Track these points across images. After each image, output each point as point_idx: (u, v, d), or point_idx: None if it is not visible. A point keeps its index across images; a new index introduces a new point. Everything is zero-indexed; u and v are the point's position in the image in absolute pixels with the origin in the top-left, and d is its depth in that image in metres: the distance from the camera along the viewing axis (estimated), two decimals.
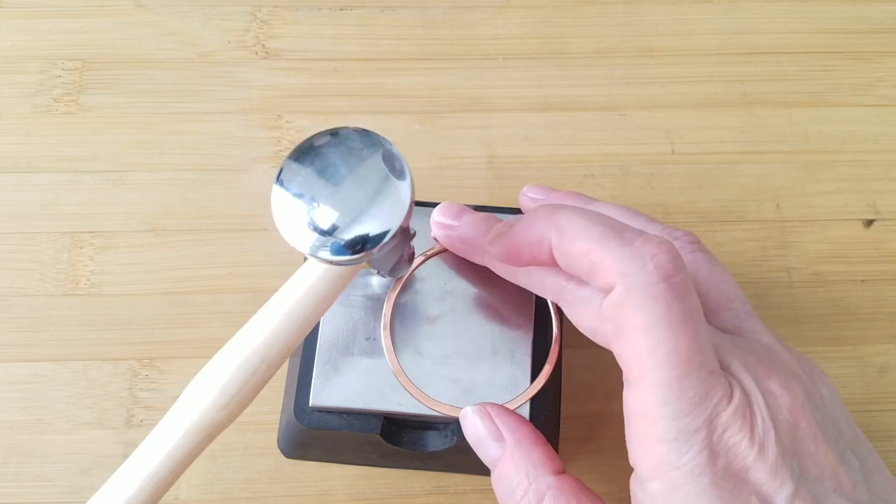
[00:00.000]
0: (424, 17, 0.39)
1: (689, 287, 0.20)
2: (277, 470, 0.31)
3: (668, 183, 0.36)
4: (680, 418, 0.19)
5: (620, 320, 0.20)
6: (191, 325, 0.33)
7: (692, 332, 0.20)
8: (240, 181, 0.36)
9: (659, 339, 0.20)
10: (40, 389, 0.32)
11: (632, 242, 0.21)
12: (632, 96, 0.38)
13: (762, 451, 0.19)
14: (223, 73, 0.38)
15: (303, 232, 0.22)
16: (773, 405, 0.20)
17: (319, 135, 0.23)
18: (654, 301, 0.20)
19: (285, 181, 0.22)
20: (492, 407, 0.25)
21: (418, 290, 0.28)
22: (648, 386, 0.20)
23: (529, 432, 0.24)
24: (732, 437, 0.19)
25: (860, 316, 0.34)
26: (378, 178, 0.22)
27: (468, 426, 0.25)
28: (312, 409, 0.27)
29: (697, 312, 0.20)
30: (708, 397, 0.19)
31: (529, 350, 0.27)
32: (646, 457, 0.20)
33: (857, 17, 0.40)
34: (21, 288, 0.34)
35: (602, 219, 0.22)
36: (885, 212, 0.36)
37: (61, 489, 0.31)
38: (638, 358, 0.20)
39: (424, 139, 0.37)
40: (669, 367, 0.19)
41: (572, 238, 0.22)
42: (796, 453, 0.20)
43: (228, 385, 0.23)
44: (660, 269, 0.20)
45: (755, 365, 0.21)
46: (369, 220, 0.22)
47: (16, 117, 0.37)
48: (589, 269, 0.21)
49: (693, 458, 0.19)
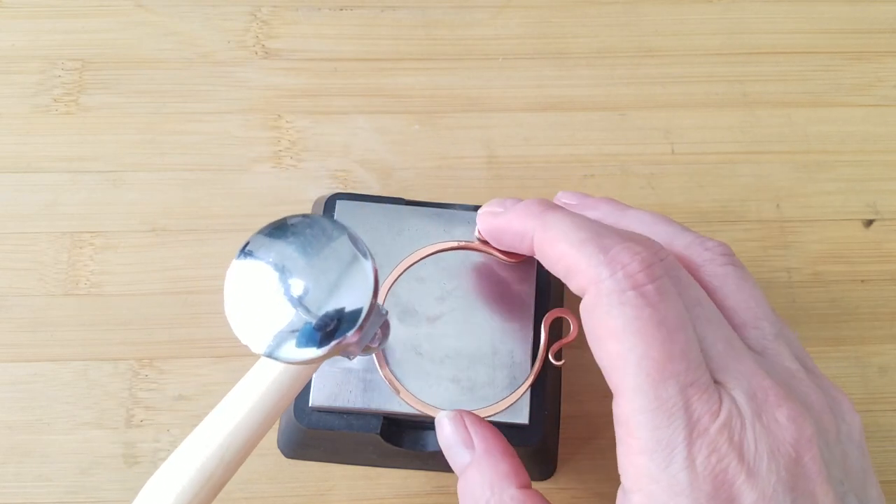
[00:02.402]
0: (424, 17, 0.39)
1: (665, 296, 0.20)
2: (277, 470, 0.31)
3: (668, 183, 0.36)
4: (659, 429, 0.19)
5: (593, 326, 0.20)
6: (191, 325, 0.33)
7: (665, 338, 0.19)
8: (240, 181, 0.36)
9: (630, 344, 0.19)
10: (40, 389, 0.32)
11: (608, 250, 0.21)
12: (632, 96, 0.38)
13: (753, 477, 0.19)
14: (223, 73, 0.38)
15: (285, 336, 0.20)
16: (776, 435, 0.19)
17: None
18: (623, 307, 0.20)
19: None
20: (467, 415, 0.25)
21: (418, 290, 0.28)
22: (626, 392, 0.20)
23: (500, 443, 0.24)
24: (719, 458, 0.19)
25: (860, 316, 0.34)
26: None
27: (442, 431, 0.25)
28: (312, 409, 0.27)
29: (677, 321, 0.20)
30: (689, 410, 0.19)
31: (529, 350, 0.27)
32: (629, 467, 0.20)
33: (857, 17, 0.40)
34: (21, 288, 0.34)
35: (588, 224, 0.22)
36: (885, 212, 0.36)
37: (61, 489, 0.31)
38: (612, 363, 0.20)
39: (424, 139, 0.37)
40: (643, 371, 0.19)
41: (553, 240, 0.22)
42: (794, 489, 0.19)
43: (185, 492, 0.22)
44: (630, 277, 0.20)
45: (766, 389, 0.20)
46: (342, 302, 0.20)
47: (16, 117, 0.37)
48: (565, 272, 0.22)
49: (673, 475, 0.19)
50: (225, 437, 0.22)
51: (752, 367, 0.21)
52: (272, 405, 0.22)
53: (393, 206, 0.30)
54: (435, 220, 0.29)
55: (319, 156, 0.36)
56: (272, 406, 0.22)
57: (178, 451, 0.22)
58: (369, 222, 0.29)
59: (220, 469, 0.22)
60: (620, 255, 0.20)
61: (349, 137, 0.37)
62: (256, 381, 0.23)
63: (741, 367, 0.20)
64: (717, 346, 0.21)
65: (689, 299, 0.21)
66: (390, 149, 0.37)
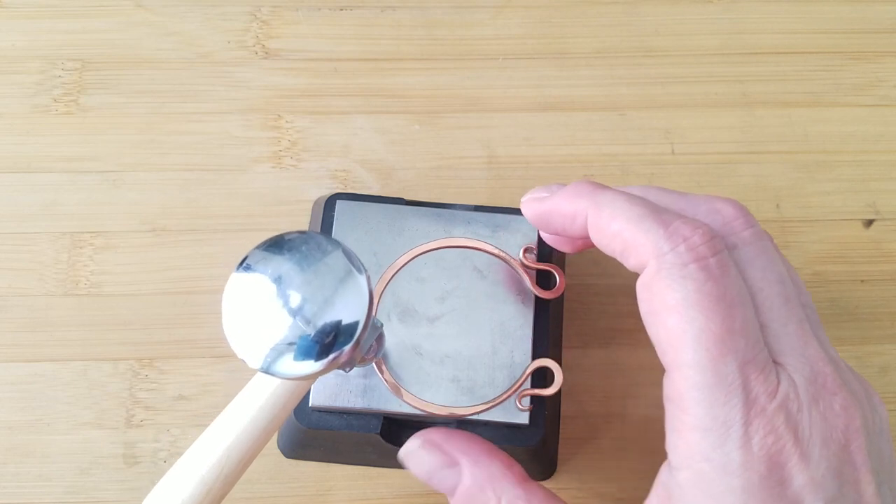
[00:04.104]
0: (424, 17, 0.39)
1: (727, 270, 0.20)
2: (277, 470, 0.31)
3: (668, 183, 0.36)
4: (715, 406, 0.19)
5: (652, 301, 0.20)
6: (191, 325, 0.33)
7: (726, 313, 0.19)
8: (240, 181, 0.36)
9: (690, 318, 0.19)
10: (40, 389, 0.32)
11: (668, 224, 0.20)
12: (632, 96, 0.38)
13: (805, 461, 0.18)
14: (223, 73, 0.38)
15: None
16: (829, 422, 0.19)
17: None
18: (684, 280, 0.19)
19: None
20: (435, 433, 0.24)
21: (418, 290, 0.28)
22: (683, 368, 0.19)
23: (482, 447, 0.23)
24: (776, 439, 0.18)
25: (860, 316, 0.34)
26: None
27: (416, 463, 0.23)
28: (312, 409, 0.27)
29: (738, 297, 0.20)
30: (748, 388, 0.19)
31: (529, 350, 0.27)
32: (679, 443, 0.19)
33: (857, 17, 0.40)
34: (21, 288, 0.34)
35: (643, 201, 0.22)
36: (885, 212, 0.36)
37: (61, 489, 0.31)
38: (670, 338, 0.20)
39: (424, 139, 0.37)
40: (702, 346, 0.19)
41: (610, 217, 0.22)
42: (840, 475, 0.19)
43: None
44: (693, 249, 0.20)
45: (826, 375, 0.20)
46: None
47: (16, 117, 0.37)
48: (622, 249, 0.21)
49: (727, 454, 0.18)
50: (223, 451, 0.22)
51: (816, 351, 0.20)
52: (269, 419, 0.23)
53: (393, 206, 0.29)
54: (435, 220, 0.29)
55: (319, 156, 0.36)
56: (269, 420, 0.23)
57: (177, 466, 0.22)
58: (369, 222, 0.29)
59: (219, 482, 0.22)
60: (682, 229, 0.20)
61: (349, 137, 0.37)
62: (254, 395, 0.23)
63: (808, 350, 0.20)
64: (789, 328, 0.20)
65: (772, 275, 0.21)
66: (390, 149, 0.37)
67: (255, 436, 0.22)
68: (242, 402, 0.23)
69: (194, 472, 0.22)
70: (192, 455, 0.22)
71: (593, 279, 0.34)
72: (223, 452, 0.22)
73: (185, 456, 0.22)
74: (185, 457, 0.22)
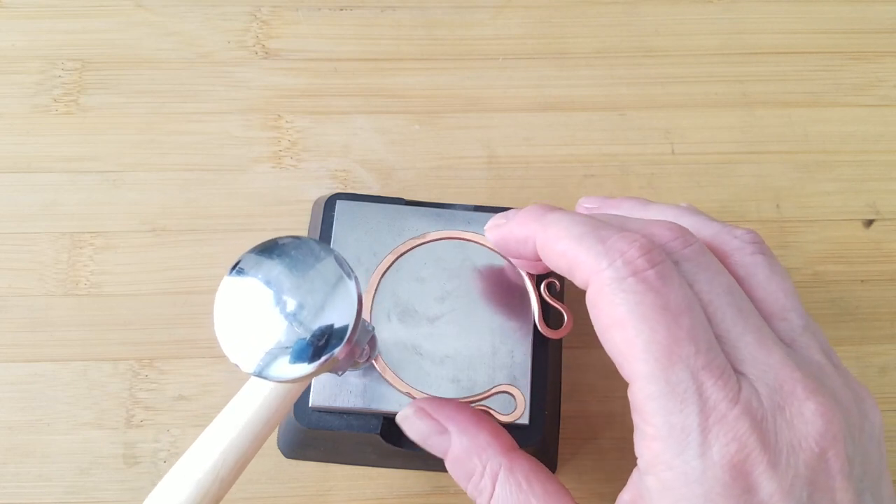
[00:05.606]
0: (424, 17, 0.39)
1: (668, 280, 0.20)
2: (277, 470, 0.31)
3: (668, 183, 0.36)
4: (671, 414, 0.19)
5: (599, 317, 0.20)
6: (191, 325, 0.33)
7: (671, 321, 0.19)
8: (240, 181, 0.36)
9: (636, 330, 0.19)
10: (40, 389, 0.32)
11: (605, 240, 0.21)
12: (632, 96, 0.38)
13: (773, 468, 0.18)
14: (223, 73, 0.38)
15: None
16: (798, 429, 0.19)
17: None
18: (625, 294, 0.20)
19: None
20: (427, 402, 0.25)
21: (418, 290, 0.28)
22: (637, 380, 0.19)
23: (470, 416, 0.24)
24: (740, 446, 0.18)
25: (860, 316, 0.34)
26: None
27: (409, 428, 0.25)
28: (312, 410, 0.27)
29: (683, 305, 0.20)
30: (703, 394, 0.19)
31: (529, 350, 0.27)
32: (644, 451, 0.20)
33: (857, 17, 0.40)
34: (21, 288, 0.34)
35: (586, 219, 0.22)
36: (885, 212, 0.36)
37: (61, 489, 0.31)
38: (621, 352, 0.20)
39: (424, 139, 0.37)
40: (651, 357, 0.19)
41: (555, 238, 0.22)
42: (813, 484, 0.18)
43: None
44: (629, 263, 0.20)
45: (795, 381, 0.19)
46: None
47: (16, 117, 0.37)
48: (568, 267, 0.22)
49: (686, 462, 0.18)
50: (219, 454, 0.22)
51: (781, 358, 0.20)
52: (264, 423, 0.23)
53: (393, 206, 0.29)
54: (435, 220, 0.29)
55: (319, 156, 0.36)
56: (264, 424, 0.23)
57: (174, 470, 0.23)
58: (369, 222, 0.29)
59: (216, 486, 0.22)
60: (618, 244, 0.20)
61: (349, 137, 0.37)
62: (248, 399, 0.23)
63: (770, 359, 0.20)
64: (746, 338, 0.20)
65: (718, 286, 0.21)
66: (390, 149, 0.37)
67: (251, 439, 0.23)
68: (237, 406, 0.23)
69: (190, 475, 0.22)
70: (188, 459, 0.23)
71: None
72: (219, 456, 0.22)
73: (182, 460, 0.23)
74: (182, 461, 0.23)
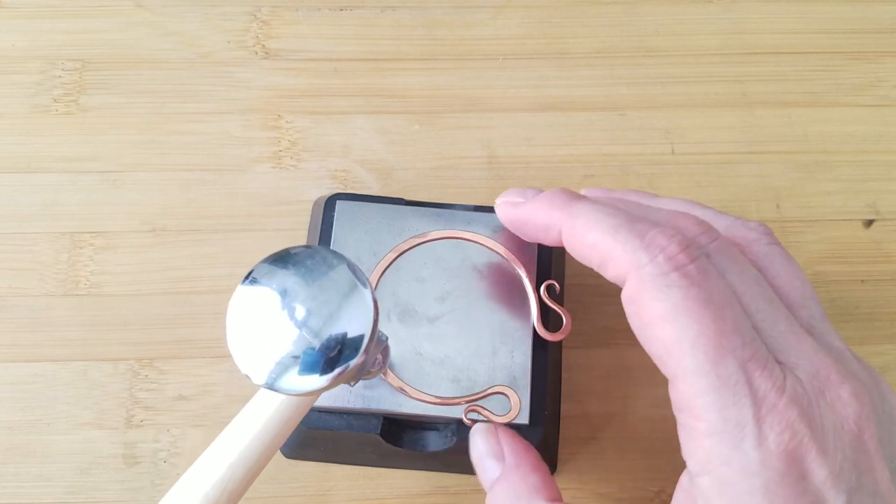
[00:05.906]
0: (424, 17, 0.39)
1: (708, 274, 0.20)
2: (277, 470, 0.31)
3: (668, 183, 0.36)
4: (725, 408, 0.19)
5: (641, 314, 0.20)
6: (191, 325, 0.33)
7: (716, 315, 0.19)
8: (240, 181, 0.36)
9: (682, 325, 0.19)
10: (40, 389, 0.32)
11: (643, 235, 0.20)
12: (632, 96, 0.38)
13: (823, 453, 0.18)
14: (223, 73, 0.38)
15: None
16: (839, 412, 0.19)
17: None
18: (668, 290, 0.19)
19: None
20: (501, 429, 0.25)
21: (418, 290, 0.28)
22: (686, 376, 0.19)
23: (531, 457, 0.24)
24: (793, 434, 0.18)
25: (860, 316, 0.34)
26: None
27: (477, 441, 0.25)
28: (312, 410, 0.27)
29: (725, 298, 0.20)
30: (753, 385, 0.19)
31: (529, 350, 0.27)
32: (696, 450, 0.19)
33: (857, 17, 0.40)
34: (21, 288, 0.34)
35: (617, 212, 0.22)
36: (885, 212, 0.36)
37: (61, 489, 0.31)
38: (666, 349, 0.20)
39: (424, 139, 0.37)
40: (700, 351, 0.19)
41: (585, 229, 0.22)
42: (856, 464, 0.19)
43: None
44: (671, 259, 0.20)
45: (828, 367, 0.20)
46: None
47: (16, 117, 0.37)
48: (600, 261, 0.21)
49: (745, 454, 0.18)
50: (227, 468, 0.22)
51: (812, 346, 0.20)
52: (273, 436, 0.23)
53: (393, 206, 0.30)
54: (435, 220, 0.29)
55: (319, 156, 0.36)
56: (273, 437, 0.23)
57: (181, 482, 0.22)
58: (369, 222, 0.29)
59: (224, 499, 0.22)
60: (657, 239, 0.20)
61: (349, 137, 0.37)
62: (258, 411, 0.23)
63: (802, 346, 0.20)
64: (779, 326, 0.20)
65: (749, 278, 0.21)
66: (390, 149, 0.37)
67: (259, 452, 0.22)
68: (246, 419, 0.23)
69: (198, 489, 0.22)
70: (195, 472, 0.22)
71: (593, 279, 0.34)
72: (227, 469, 0.22)
73: (189, 472, 0.23)
74: (189, 473, 0.22)
